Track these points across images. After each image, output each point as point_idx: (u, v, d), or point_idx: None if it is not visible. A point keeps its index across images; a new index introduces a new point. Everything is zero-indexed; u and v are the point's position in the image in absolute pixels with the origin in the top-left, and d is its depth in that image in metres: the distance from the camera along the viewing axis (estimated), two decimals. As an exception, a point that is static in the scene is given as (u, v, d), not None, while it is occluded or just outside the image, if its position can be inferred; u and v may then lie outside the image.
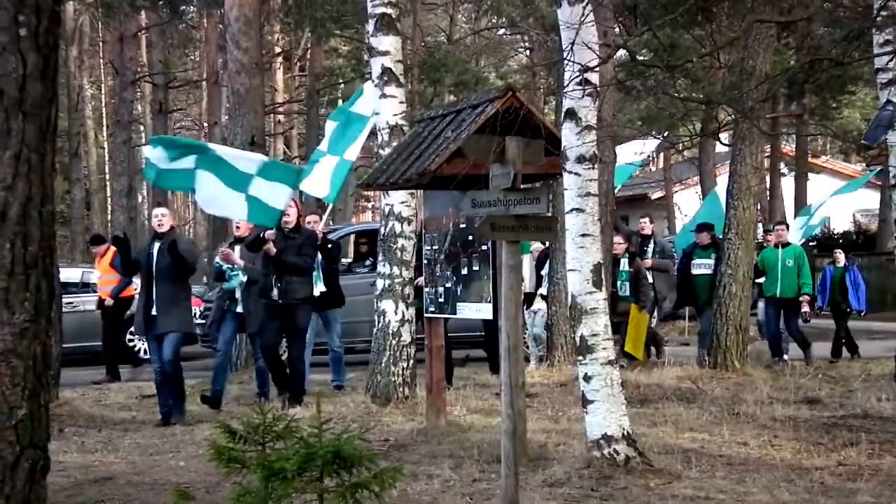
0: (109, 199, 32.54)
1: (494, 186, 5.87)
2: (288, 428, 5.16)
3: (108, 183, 34.18)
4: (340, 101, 39.29)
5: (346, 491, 4.61)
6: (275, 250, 10.71)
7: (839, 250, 16.79)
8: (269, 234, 10.79)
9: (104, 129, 38.26)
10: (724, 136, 18.50)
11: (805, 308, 14.89)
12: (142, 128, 39.26)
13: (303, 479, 4.60)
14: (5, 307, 2.58)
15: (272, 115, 33.13)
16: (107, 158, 35.95)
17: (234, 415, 9.69)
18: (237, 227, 11.44)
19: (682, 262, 14.69)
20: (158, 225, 10.54)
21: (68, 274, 14.83)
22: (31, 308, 2.64)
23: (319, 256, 11.71)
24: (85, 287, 16.29)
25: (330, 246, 12.32)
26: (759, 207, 14.59)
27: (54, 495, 6.93)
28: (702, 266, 14.27)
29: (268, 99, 33.36)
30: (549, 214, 5.99)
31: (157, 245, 10.38)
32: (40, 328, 2.67)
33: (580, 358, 7.58)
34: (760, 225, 18.39)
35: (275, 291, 10.80)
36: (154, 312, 10.21)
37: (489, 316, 8.54)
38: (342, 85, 32.90)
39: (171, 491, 5.83)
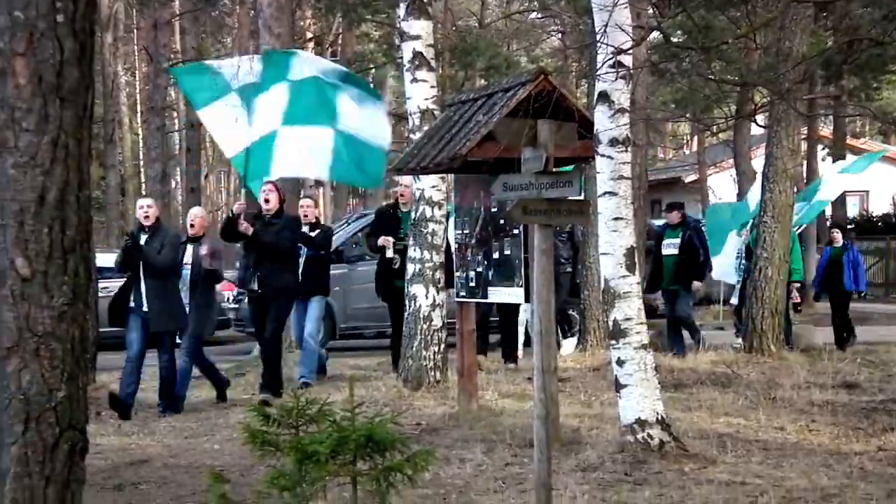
0: (143, 185, 32.74)
1: (526, 170, 5.86)
2: (321, 412, 5.20)
3: (142, 169, 34.39)
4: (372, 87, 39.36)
5: (379, 474, 4.63)
6: (251, 229, 10.32)
7: (837, 230, 16.21)
8: (238, 207, 10.57)
9: (138, 115, 38.47)
10: (760, 118, 18.36)
11: (794, 296, 14.55)
12: (175, 114, 39.44)
13: (336, 463, 4.62)
14: (44, 291, 2.61)
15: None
16: (141, 144, 36.18)
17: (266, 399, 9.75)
18: (191, 226, 10.61)
19: (655, 244, 14.30)
20: (144, 217, 10.01)
21: (104, 259, 14.91)
22: (69, 292, 2.67)
23: None
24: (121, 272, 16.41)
25: (315, 232, 11.62)
26: (795, 190, 14.45)
27: (92, 477, 6.99)
28: (670, 246, 13.96)
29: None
30: (582, 198, 5.98)
31: (143, 238, 9.90)
32: (78, 311, 2.70)
33: (613, 342, 7.57)
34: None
35: (254, 282, 10.52)
36: (145, 308, 9.75)
37: (521, 300, 8.54)
38: (373, 70, 32.87)
39: (206, 473, 5.88)
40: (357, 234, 15.68)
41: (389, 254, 11.54)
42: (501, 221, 8.63)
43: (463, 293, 9.16)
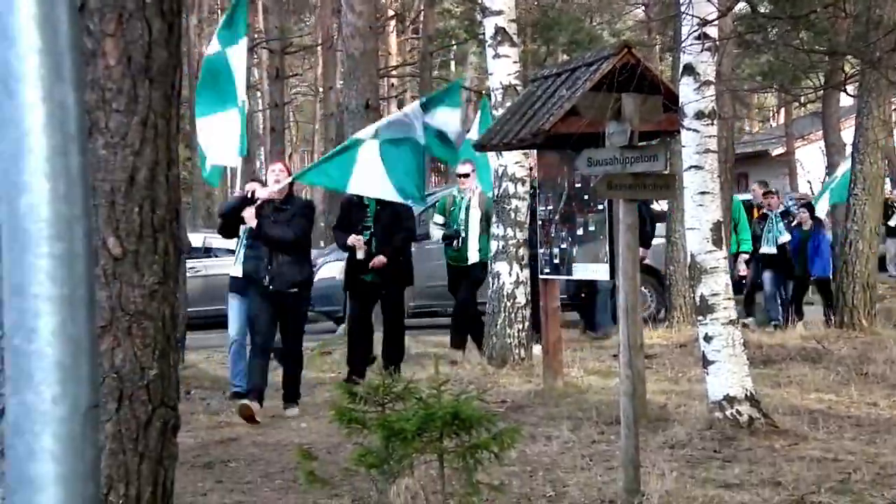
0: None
1: (611, 144, 5.79)
2: (407, 389, 5.21)
3: (227, 149, 34.77)
4: (453, 64, 39.27)
5: (465, 451, 4.64)
6: (254, 220, 8.83)
7: (804, 210, 14.93)
8: (255, 189, 9.15)
9: (223, 96, 38.85)
10: (850, 88, 17.91)
11: (741, 269, 14.01)
12: (259, 93, 39.85)
13: (422, 440, 4.63)
14: (135, 270, 2.64)
15: (386, 78, 33.27)
16: (226, 125, 36.53)
17: (352, 377, 9.81)
18: None
19: None
20: None
21: (191, 239, 15.12)
22: (159, 270, 2.70)
23: None
24: (207, 252, 16.66)
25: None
26: (886, 162, 14.08)
27: (182, 455, 7.08)
28: None
29: (382, 62, 33.54)
30: (668, 172, 5.90)
31: None
32: (169, 290, 2.72)
33: (700, 318, 7.48)
34: (889, 180, 17.60)
35: (267, 276, 8.89)
36: None
37: (606, 277, 8.47)
38: (455, 47, 32.81)
39: (294, 451, 5.94)
40: (427, 210, 14.72)
41: (360, 255, 10.09)
42: (585, 197, 8.56)
43: (547, 270, 9.11)
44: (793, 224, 14.67)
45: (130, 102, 2.66)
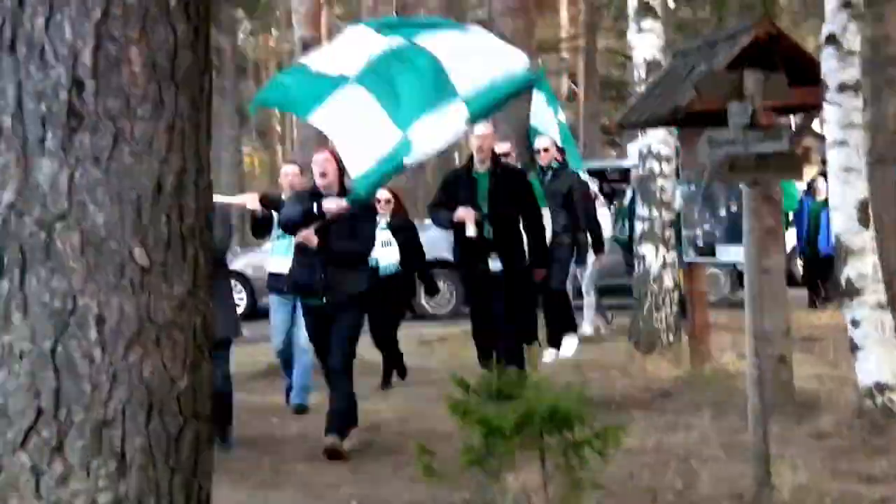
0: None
1: (733, 124, 5.50)
2: (519, 382, 5.09)
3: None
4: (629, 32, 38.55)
5: (567, 448, 4.49)
6: (315, 241, 7.13)
7: (822, 177, 12.57)
8: (322, 202, 7.17)
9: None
10: None
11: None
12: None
13: (522, 437, 4.51)
14: (164, 280, 2.62)
15: (555, 52, 32.97)
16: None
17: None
18: None
19: None
20: None
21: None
22: (189, 280, 2.67)
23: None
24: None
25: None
26: None
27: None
28: None
29: (552, 35, 33.41)
30: (794, 151, 5.56)
31: None
32: (199, 300, 2.70)
33: (846, 300, 7.10)
34: None
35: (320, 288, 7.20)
36: None
37: (749, 258, 8.11)
38: (622, 20, 32.20)
39: (413, 444, 5.88)
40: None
41: (471, 232, 8.29)
42: (728, 176, 8.21)
43: (692, 253, 8.80)
44: (805, 192, 13.53)
45: (156, 108, 2.63)
